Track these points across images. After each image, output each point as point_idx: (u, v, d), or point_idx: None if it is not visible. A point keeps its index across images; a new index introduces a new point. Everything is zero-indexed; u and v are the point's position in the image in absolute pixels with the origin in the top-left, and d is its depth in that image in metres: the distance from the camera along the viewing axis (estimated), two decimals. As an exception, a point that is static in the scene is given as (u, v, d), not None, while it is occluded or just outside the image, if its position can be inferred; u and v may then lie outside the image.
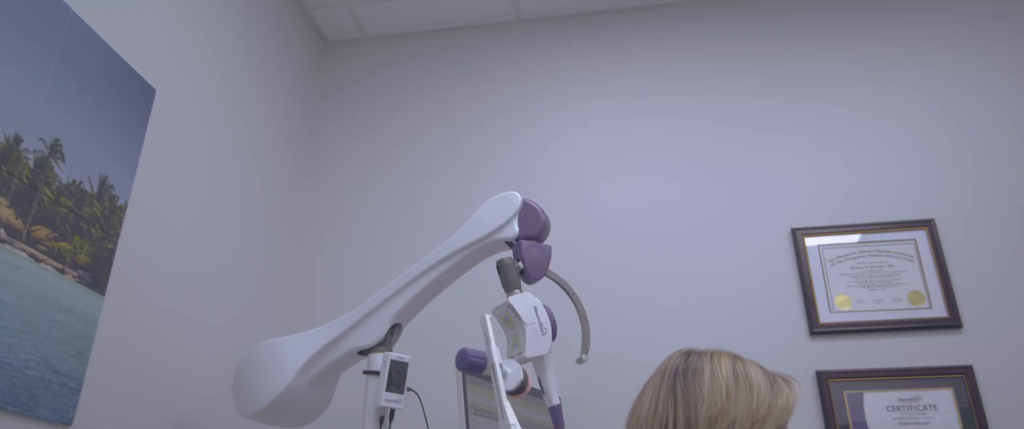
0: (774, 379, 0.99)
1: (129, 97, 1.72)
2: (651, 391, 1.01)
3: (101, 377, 1.54)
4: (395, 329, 1.66)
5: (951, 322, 2.08)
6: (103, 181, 1.61)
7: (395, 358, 1.58)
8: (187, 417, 1.81)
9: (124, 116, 1.70)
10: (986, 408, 1.97)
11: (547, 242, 1.62)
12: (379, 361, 1.59)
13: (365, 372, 1.61)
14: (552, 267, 1.63)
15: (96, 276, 1.57)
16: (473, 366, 1.28)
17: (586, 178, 2.48)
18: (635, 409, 1.02)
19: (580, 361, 1.68)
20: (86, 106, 1.58)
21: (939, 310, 2.11)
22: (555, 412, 1.42)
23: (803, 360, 2.09)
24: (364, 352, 1.65)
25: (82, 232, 1.54)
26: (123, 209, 1.67)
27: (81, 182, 1.54)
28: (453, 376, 1.71)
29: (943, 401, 2.00)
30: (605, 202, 2.43)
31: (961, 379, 2.01)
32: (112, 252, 1.62)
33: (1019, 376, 1.99)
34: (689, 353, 1.03)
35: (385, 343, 1.64)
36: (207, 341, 1.94)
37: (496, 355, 1.26)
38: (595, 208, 2.43)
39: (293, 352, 1.67)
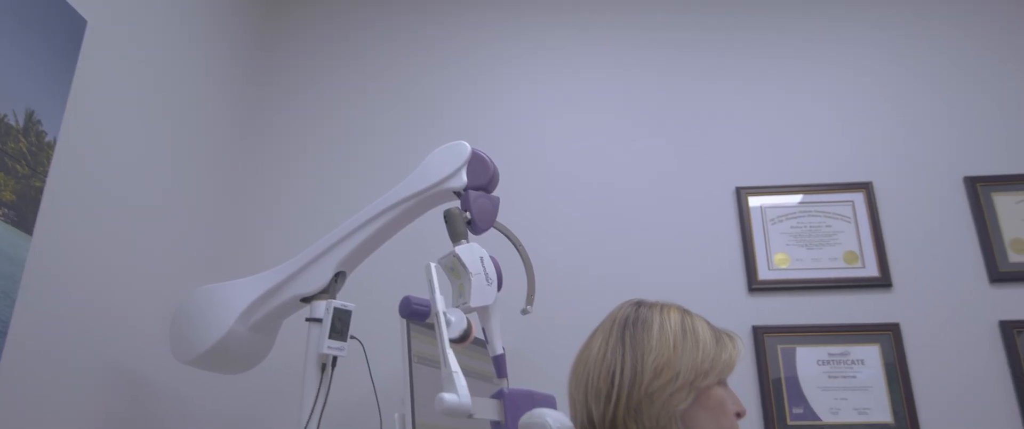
0: (719, 335, 1.01)
1: (58, 28, 1.62)
2: (600, 339, 1.02)
3: (29, 320, 1.49)
4: (339, 277, 1.64)
5: (882, 282, 2.16)
6: (29, 116, 1.52)
7: (338, 305, 1.56)
8: (122, 362, 1.76)
9: (53, 48, 1.60)
10: (909, 364, 2.06)
11: (495, 193, 1.61)
12: (322, 308, 1.58)
13: (307, 319, 1.60)
14: (499, 219, 1.63)
15: (22, 214, 1.50)
16: (416, 313, 1.27)
17: (535, 132, 2.47)
18: (582, 355, 1.04)
19: (525, 312, 1.70)
20: (11, 36, 1.48)
21: (871, 270, 2.19)
22: (498, 361, 1.43)
23: (741, 315, 2.15)
24: (307, 299, 1.63)
25: (7, 169, 1.46)
26: (51, 146, 1.58)
27: (5, 116, 1.46)
28: (397, 325, 1.71)
29: (870, 357, 2.08)
30: (553, 157, 2.42)
31: (888, 336, 2.10)
32: (40, 191, 1.55)
33: (941, 334, 2.09)
34: (640, 304, 1.05)
35: (328, 290, 1.62)
36: (143, 285, 1.88)
37: (440, 303, 1.25)
38: (543, 162, 2.42)
39: (234, 298, 1.64)
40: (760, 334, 2.12)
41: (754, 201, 2.30)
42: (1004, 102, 2.37)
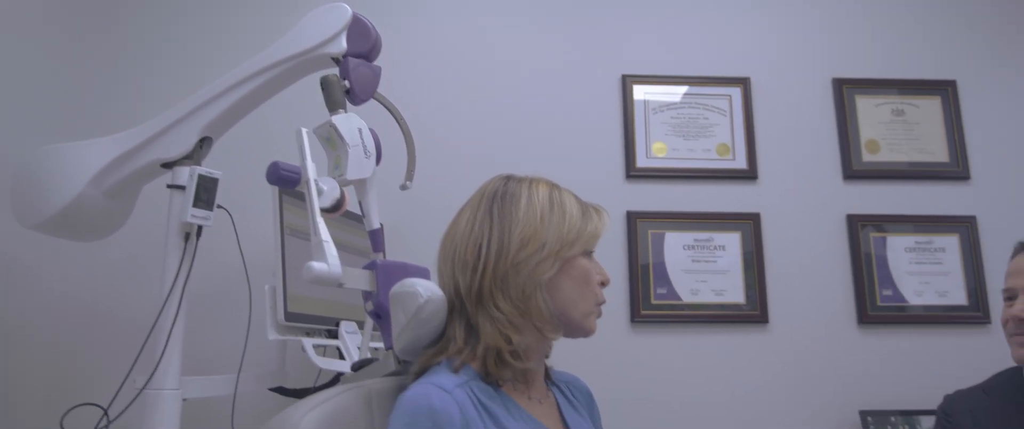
0: (586, 207, 1.03)
1: None
2: (468, 212, 1.01)
3: None
4: (204, 142, 1.54)
5: (749, 174, 2.28)
6: None
7: (203, 172, 1.47)
8: (-45, 225, 1.60)
9: None
10: (765, 251, 2.21)
11: (376, 63, 1.53)
12: (185, 175, 1.48)
13: (169, 186, 1.50)
14: (380, 90, 1.55)
15: None
16: (285, 180, 1.21)
17: (422, 6, 2.35)
18: (451, 229, 1.03)
19: (404, 187, 1.66)
20: None
21: (741, 162, 2.29)
22: (375, 235, 1.40)
23: (617, 201, 2.22)
24: (168, 165, 1.52)
25: None
26: None
27: None
28: (269, 196, 1.63)
29: (731, 243, 2.22)
30: (439, 33, 2.33)
31: (749, 225, 2.23)
32: None
33: (796, 225, 2.24)
34: (509, 178, 1.04)
35: (193, 156, 1.52)
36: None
37: (311, 170, 1.20)
38: (428, 38, 2.33)
39: (84, 159, 1.51)
40: (633, 219, 2.20)
41: (638, 89, 2.33)
42: (875, 9, 2.46)
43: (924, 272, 2.23)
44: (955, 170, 2.31)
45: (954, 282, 2.22)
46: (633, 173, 2.25)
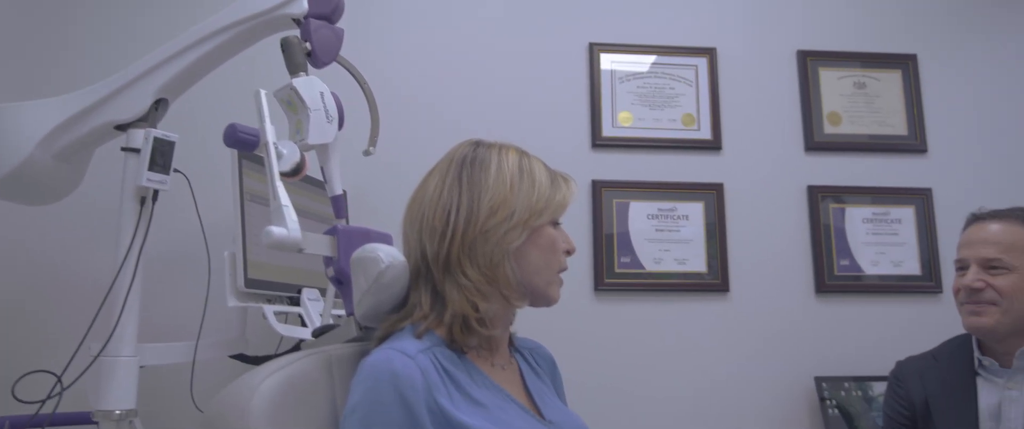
0: (554, 176, 1.02)
1: None
2: (437, 177, 1.00)
3: None
4: (160, 104, 1.49)
5: (713, 144, 2.29)
6: None
7: (159, 135, 1.43)
8: None
9: None
10: (727, 221, 2.24)
11: (339, 25, 1.50)
12: (140, 137, 1.44)
13: (124, 149, 1.45)
14: (343, 54, 1.52)
15: None
16: (243, 142, 1.18)
17: (390, -36, 2.30)
18: (418, 194, 1.01)
19: (367, 153, 1.64)
20: None
21: (705, 133, 2.30)
22: (337, 202, 1.38)
23: (583, 169, 2.21)
24: (123, 127, 1.47)
25: None
26: None
27: None
28: (228, 160, 1.59)
29: (694, 213, 2.24)
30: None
31: (713, 194, 2.25)
32: None
33: (758, 195, 2.27)
34: (478, 144, 1.02)
35: (148, 119, 1.48)
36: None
37: (270, 133, 1.17)
38: (395, 1, 2.28)
39: (32, 121, 1.45)
40: (598, 188, 2.20)
41: (606, 58, 2.31)
42: (842, -20, 2.48)
43: (880, 243, 2.28)
44: (913, 143, 2.36)
45: (909, 252, 2.28)
46: (599, 142, 2.25)
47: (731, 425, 2.09)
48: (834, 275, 2.24)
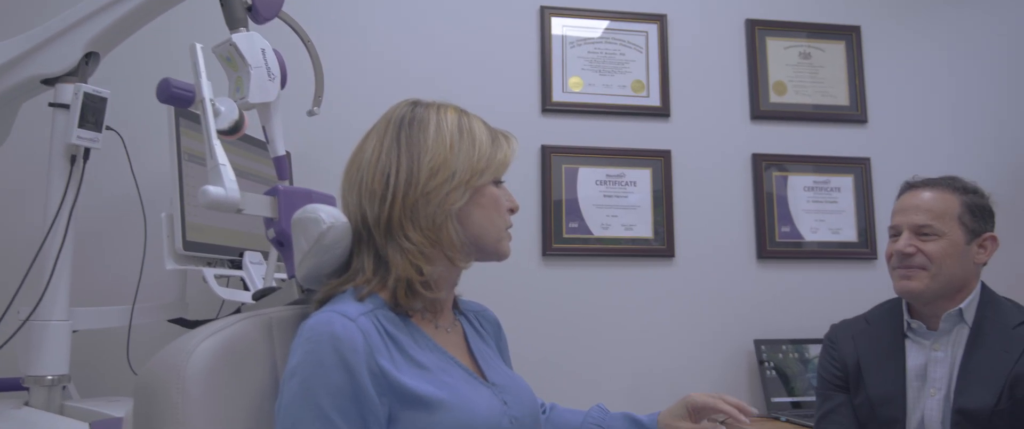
0: (495, 135, 1.01)
1: None
2: (374, 139, 0.97)
3: None
4: (90, 58, 1.43)
5: (662, 111, 2.31)
6: None
7: (90, 91, 1.37)
8: None
9: None
10: (675, 188, 2.27)
11: (282, -21, 1.45)
12: (69, 92, 1.37)
13: (52, 104, 1.39)
14: (286, 9, 1.47)
15: None
16: (177, 98, 1.13)
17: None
18: (356, 156, 0.99)
19: (311, 113, 1.60)
20: None
21: (654, 99, 2.31)
22: (279, 162, 1.35)
23: (532, 135, 2.21)
24: (50, 81, 1.40)
25: None
26: None
27: None
28: (165, 118, 1.54)
29: (642, 179, 2.26)
30: (356, -50, 2.22)
31: (660, 161, 2.27)
32: None
33: (704, 163, 2.30)
34: (416, 103, 1.00)
35: (77, 73, 1.41)
36: None
37: (206, 89, 1.13)
38: (344, -45, 2.22)
39: (-50, 73, 1.37)
40: (548, 153, 2.20)
41: (556, 24, 2.29)
42: (791, -50, 2.50)
43: (820, 210, 2.34)
44: (854, 114, 2.41)
45: (846, 220, 2.35)
46: (549, 107, 2.24)
47: (673, 387, 2.15)
48: (775, 241, 2.30)
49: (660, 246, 2.23)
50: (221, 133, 1.11)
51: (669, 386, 2.15)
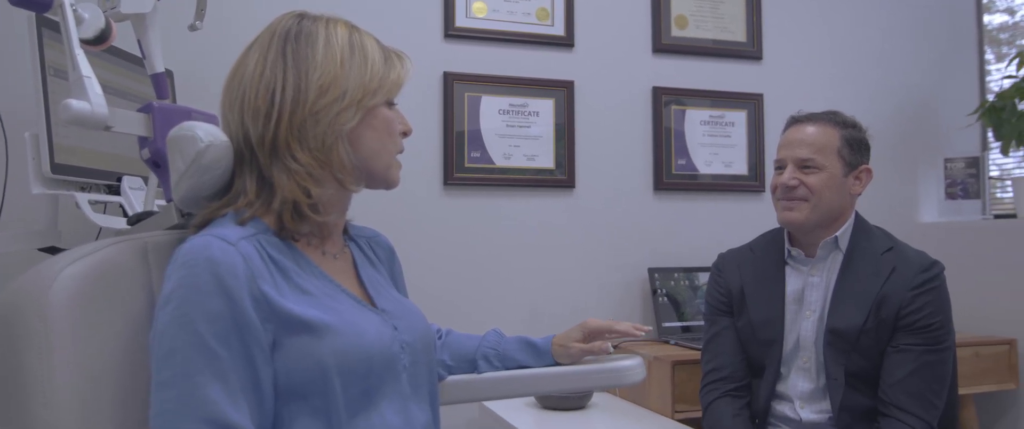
0: (388, 54, 0.96)
1: None
2: (257, 53, 0.91)
3: None
4: (-70, -46, 1.26)
5: (566, 41, 2.29)
6: None
7: (-69, -8, 1.21)
8: None
9: None
10: (577, 119, 2.28)
11: None
12: (-95, -7, 1.21)
13: None
14: (162, -89, 1.35)
15: None
16: (32, 2, 1.02)
17: None
18: (237, 71, 0.92)
19: (193, 28, 1.49)
20: None
21: (559, 29, 2.29)
22: (158, 80, 1.26)
23: (434, 62, 2.15)
24: None
25: None
26: None
27: None
28: (25, 28, 1.39)
29: (545, 109, 2.25)
30: None
31: (563, 92, 2.27)
32: None
33: (606, 95, 2.32)
34: (303, 16, 0.94)
35: (-85, -29, 1.25)
36: None
37: (65, -7, 1.02)
38: None
39: None
40: (450, 80, 2.15)
41: (461, -56, 2.22)
42: None
43: (715, 144, 2.41)
44: (750, 50, 2.48)
45: (738, 154, 2.43)
46: (451, 32, 2.18)
47: (571, 315, 2.20)
48: (672, 174, 2.36)
49: (562, 177, 2.24)
50: (85, 42, 1.02)
51: (567, 314, 2.21)
